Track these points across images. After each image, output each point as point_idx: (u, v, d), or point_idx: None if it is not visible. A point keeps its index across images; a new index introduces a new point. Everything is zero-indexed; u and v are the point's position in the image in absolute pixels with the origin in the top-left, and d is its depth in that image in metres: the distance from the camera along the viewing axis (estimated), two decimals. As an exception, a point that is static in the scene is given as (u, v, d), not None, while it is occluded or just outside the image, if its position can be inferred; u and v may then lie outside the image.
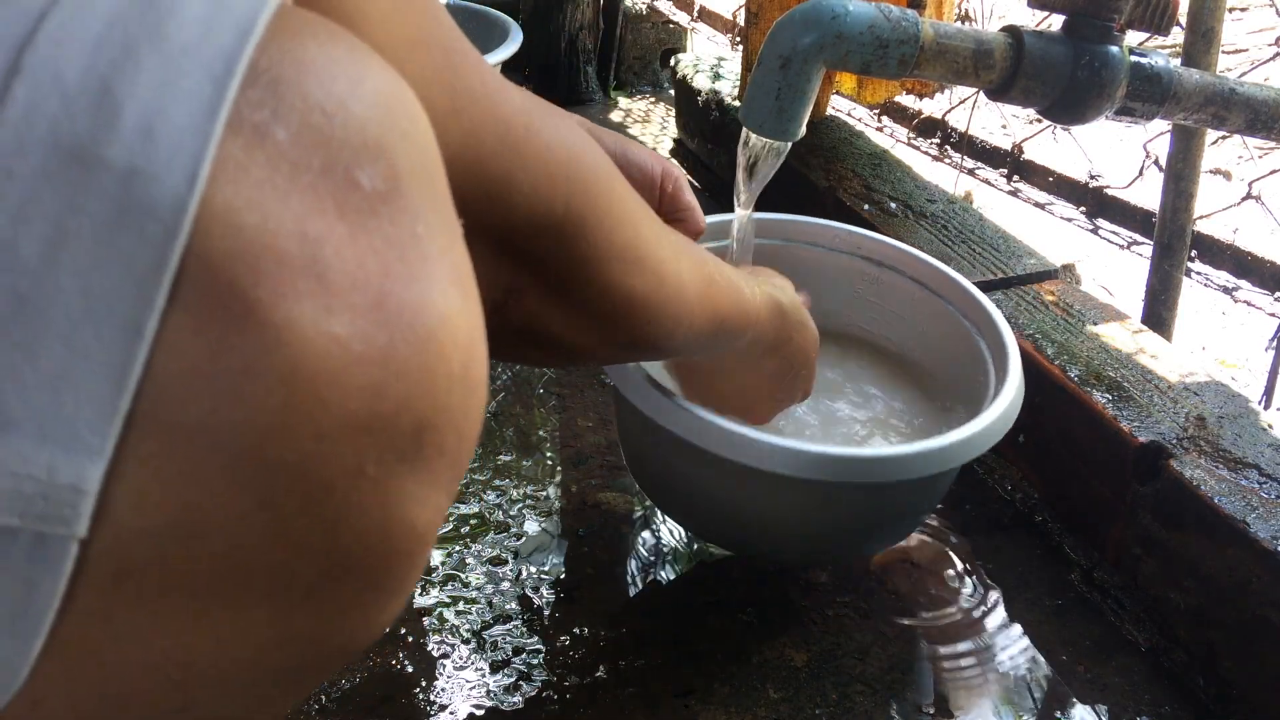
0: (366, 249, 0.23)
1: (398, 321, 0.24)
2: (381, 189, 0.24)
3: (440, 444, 0.25)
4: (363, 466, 0.24)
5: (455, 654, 0.66)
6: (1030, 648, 0.68)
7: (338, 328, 0.22)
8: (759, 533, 0.67)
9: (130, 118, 0.21)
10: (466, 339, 0.25)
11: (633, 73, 1.86)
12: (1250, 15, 2.18)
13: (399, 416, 0.24)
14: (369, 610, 0.26)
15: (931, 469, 0.60)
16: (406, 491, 0.25)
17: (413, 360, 0.24)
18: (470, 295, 0.26)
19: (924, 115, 1.40)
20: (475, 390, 0.26)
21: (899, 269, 0.80)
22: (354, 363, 0.23)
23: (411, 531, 0.26)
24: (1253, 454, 0.68)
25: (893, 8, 0.64)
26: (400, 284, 0.24)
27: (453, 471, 0.26)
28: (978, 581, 0.73)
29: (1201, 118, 0.70)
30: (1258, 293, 1.00)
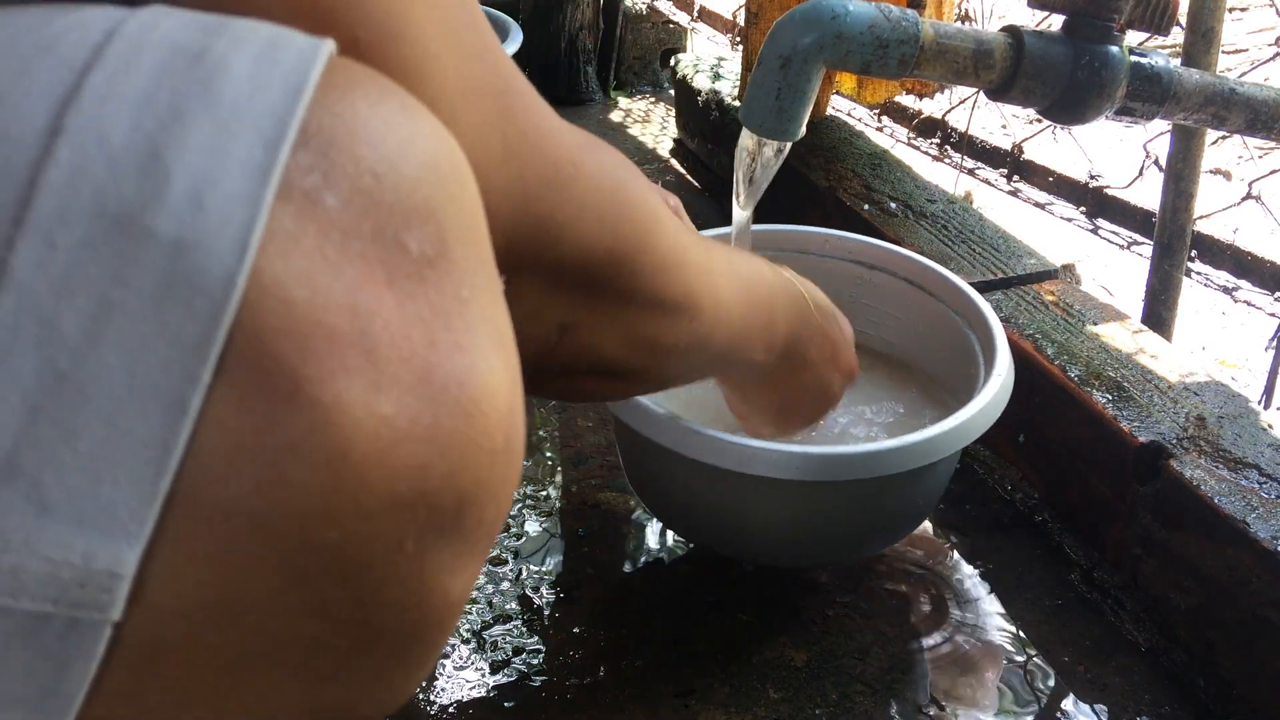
0: (414, 318, 0.23)
1: (443, 397, 0.23)
2: (429, 254, 0.23)
3: (480, 516, 0.25)
4: (402, 543, 0.23)
5: (455, 654, 0.66)
6: (1030, 648, 0.68)
7: (386, 407, 0.22)
8: (756, 537, 0.68)
9: (179, 185, 0.20)
10: (508, 407, 0.25)
11: (633, 73, 1.86)
12: (1250, 15, 2.18)
13: (442, 493, 0.23)
14: (399, 679, 0.26)
15: (915, 462, 0.60)
16: (444, 564, 0.24)
17: (458, 434, 0.23)
18: (511, 360, 0.26)
19: (924, 115, 1.40)
20: (515, 460, 0.26)
21: (890, 270, 0.81)
22: (401, 440, 0.22)
23: (445, 601, 0.25)
24: (1253, 454, 0.68)
25: (893, 8, 0.64)
26: (445, 355, 0.23)
27: (488, 540, 0.26)
28: (978, 581, 0.73)
29: (1201, 118, 0.70)
30: (1258, 293, 1.00)
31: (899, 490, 0.64)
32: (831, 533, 0.67)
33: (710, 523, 0.69)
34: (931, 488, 0.68)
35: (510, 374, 0.25)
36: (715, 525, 0.68)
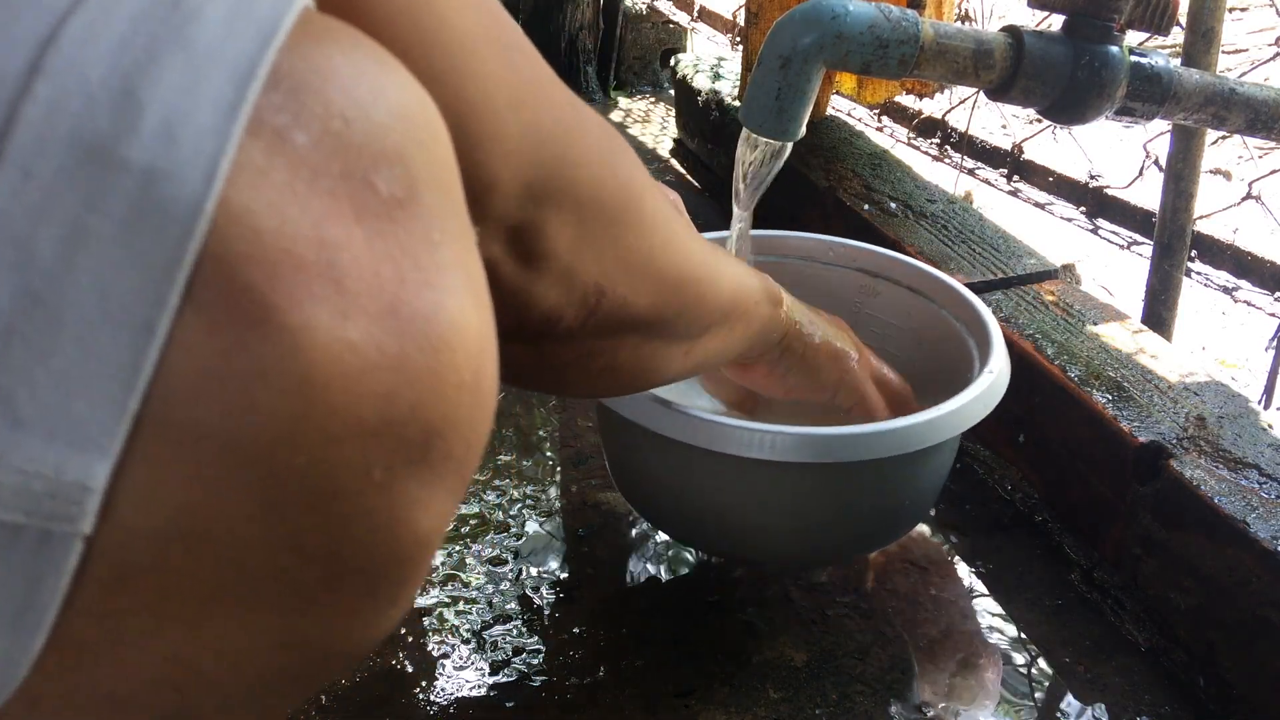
0: (383, 255, 0.24)
1: (411, 328, 0.24)
2: (399, 195, 0.24)
3: (448, 450, 0.25)
4: (370, 471, 0.24)
5: (455, 654, 0.66)
6: (1030, 648, 0.68)
7: (353, 333, 0.23)
8: (743, 530, 0.67)
9: (152, 118, 0.21)
10: (478, 347, 0.26)
11: (633, 73, 1.86)
12: (1250, 15, 2.18)
13: (409, 423, 0.24)
14: (371, 615, 0.26)
15: (904, 447, 0.60)
16: (412, 497, 0.25)
17: (425, 367, 0.24)
18: (483, 304, 0.27)
19: (924, 115, 1.40)
20: (485, 399, 0.27)
21: (893, 278, 0.81)
22: (368, 368, 0.23)
23: (416, 537, 0.26)
24: (1253, 454, 0.68)
25: (893, 8, 0.64)
26: (414, 291, 0.24)
27: (459, 478, 0.27)
28: (978, 581, 0.73)
29: (1202, 118, 0.70)
30: (1258, 293, 1.00)
31: (890, 480, 0.64)
32: (820, 525, 0.67)
33: (702, 516, 0.68)
34: (927, 478, 0.67)
35: (481, 317, 0.26)
36: (707, 519, 0.68)
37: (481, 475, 0.82)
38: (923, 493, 0.68)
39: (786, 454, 0.59)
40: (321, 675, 0.28)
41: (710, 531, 0.69)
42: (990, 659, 0.67)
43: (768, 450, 0.59)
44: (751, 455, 0.59)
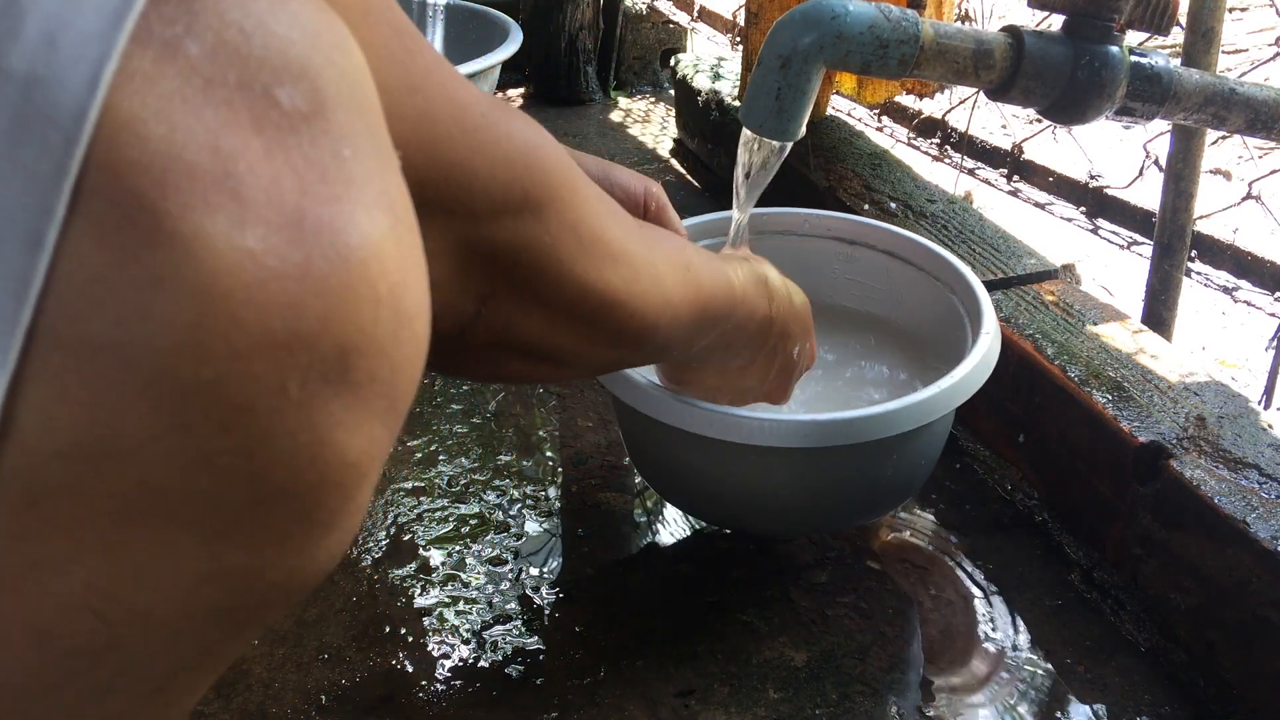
0: (284, 165, 0.23)
1: (315, 238, 0.23)
2: (303, 109, 0.23)
3: (370, 370, 0.25)
4: (284, 387, 0.23)
5: (455, 654, 0.66)
6: (1030, 648, 0.68)
7: (251, 242, 0.22)
8: (750, 508, 0.70)
9: (33, 27, 0.21)
10: (395, 264, 0.25)
11: (633, 73, 1.86)
12: (1250, 15, 2.18)
13: (320, 336, 0.23)
14: (304, 545, 0.26)
15: (903, 426, 0.62)
16: (335, 417, 0.24)
17: (332, 278, 0.23)
18: (403, 224, 0.26)
19: (924, 115, 1.40)
20: (409, 319, 0.26)
21: (870, 244, 0.84)
22: (270, 278, 0.22)
23: (343, 460, 0.25)
24: (1253, 454, 0.68)
25: (893, 8, 0.64)
26: (319, 202, 0.23)
27: (388, 401, 0.26)
28: (978, 581, 0.73)
29: (1201, 118, 0.70)
30: (1258, 293, 1.00)
31: (892, 456, 0.66)
32: (827, 501, 0.69)
33: (706, 496, 0.71)
34: (922, 451, 0.69)
35: (399, 233, 0.25)
36: (711, 498, 0.71)
37: (481, 475, 0.82)
38: (922, 462, 0.70)
39: (790, 440, 0.62)
40: (260, 610, 0.27)
41: (721, 509, 0.71)
42: (990, 659, 0.67)
43: (771, 438, 0.61)
44: (756, 443, 0.62)
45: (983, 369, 0.67)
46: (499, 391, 0.93)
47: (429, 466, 0.83)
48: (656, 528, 0.78)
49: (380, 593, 0.71)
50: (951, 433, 0.87)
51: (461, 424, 0.89)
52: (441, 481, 0.82)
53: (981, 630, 0.69)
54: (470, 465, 0.83)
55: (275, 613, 0.28)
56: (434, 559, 0.74)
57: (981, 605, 0.71)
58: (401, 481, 0.81)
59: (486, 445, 0.86)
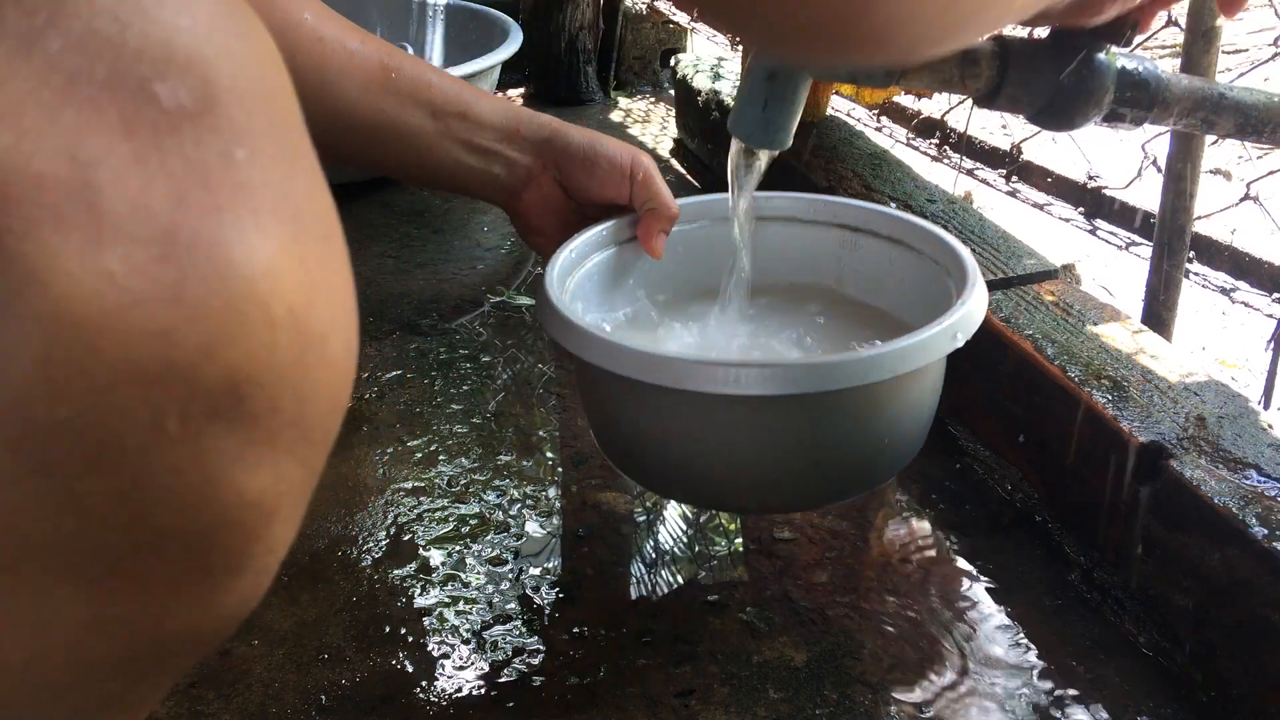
0: (158, 172, 0.20)
1: (191, 256, 0.20)
2: (188, 106, 0.21)
3: (271, 401, 0.22)
4: (160, 423, 0.20)
5: (455, 654, 0.66)
6: (1030, 648, 0.68)
7: (111, 262, 0.19)
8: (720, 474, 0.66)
9: None
10: (295, 281, 0.22)
11: (633, 73, 1.86)
12: (1250, 15, 2.18)
13: (201, 366, 0.21)
14: (204, 591, 0.24)
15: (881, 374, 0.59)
16: (229, 454, 0.22)
17: (212, 301, 0.21)
18: (309, 233, 0.23)
19: (923, 115, 1.40)
20: (318, 341, 0.23)
21: (874, 230, 0.82)
22: (133, 303, 0.20)
23: (242, 500, 0.22)
24: (1253, 454, 0.68)
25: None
26: (197, 214, 0.21)
27: (298, 432, 0.23)
28: (978, 581, 0.73)
29: (1191, 123, 0.70)
30: (1256, 293, 1.00)
31: (866, 412, 0.63)
32: (796, 465, 0.65)
33: (674, 462, 0.67)
34: (906, 416, 0.65)
35: (300, 247, 0.22)
36: (685, 466, 0.67)
37: (481, 475, 0.82)
38: (905, 430, 0.67)
39: (754, 388, 0.58)
40: (165, 661, 0.25)
41: (686, 479, 0.67)
42: (990, 659, 0.67)
43: (734, 384, 0.57)
44: (717, 391, 0.57)
45: (963, 323, 0.64)
46: (499, 391, 0.93)
47: (429, 466, 0.83)
48: (657, 528, 0.78)
49: (380, 593, 0.71)
50: (951, 432, 0.87)
51: (461, 424, 0.89)
52: (441, 481, 0.82)
53: (981, 630, 0.69)
54: (470, 465, 0.83)
55: (186, 659, 0.26)
56: (434, 559, 0.74)
57: (981, 605, 0.71)
58: (401, 481, 0.81)
59: (486, 445, 0.86)
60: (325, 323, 0.23)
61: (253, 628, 0.67)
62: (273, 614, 0.68)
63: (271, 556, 0.25)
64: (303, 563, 0.73)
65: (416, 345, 1.00)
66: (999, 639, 0.68)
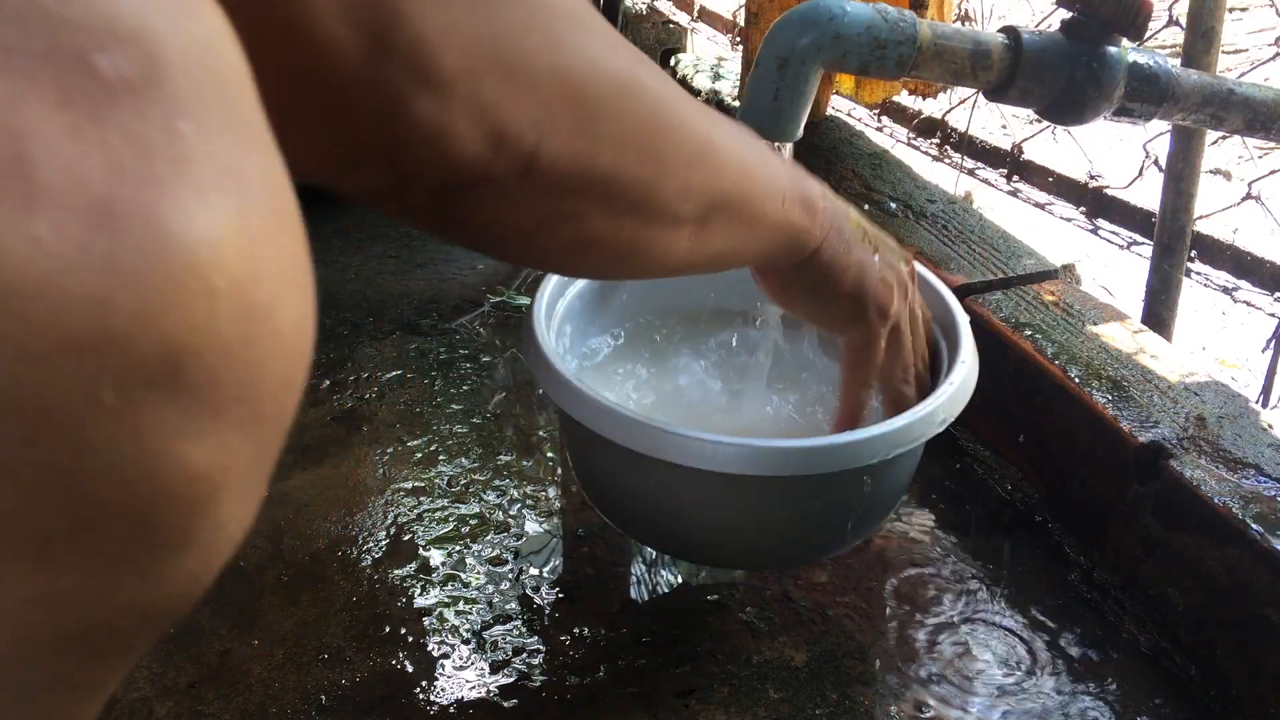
0: (93, 143, 0.20)
1: (126, 225, 0.20)
2: (129, 78, 0.21)
3: (212, 373, 0.22)
4: (96, 393, 0.20)
5: (455, 654, 0.66)
6: (1030, 648, 0.68)
7: (41, 230, 0.19)
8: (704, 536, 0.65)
9: None
10: (239, 253, 0.22)
11: (633, 73, 1.86)
12: (1250, 15, 2.18)
13: (136, 335, 0.20)
14: (151, 567, 0.23)
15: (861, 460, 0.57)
16: (170, 426, 0.21)
17: (147, 270, 0.20)
18: (256, 207, 0.23)
19: (924, 115, 1.40)
20: (265, 314, 0.23)
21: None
22: (65, 270, 0.19)
23: (186, 473, 0.22)
24: (1253, 454, 0.68)
25: (890, 8, 0.64)
26: (134, 185, 0.20)
27: (246, 407, 0.23)
28: (978, 582, 0.73)
29: (1200, 118, 0.70)
30: (1257, 293, 1.00)
31: (836, 492, 0.61)
32: (780, 534, 0.64)
33: (661, 526, 0.66)
34: (879, 492, 0.64)
35: (245, 220, 0.22)
36: (667, 528, 0.66)
37: (481, 475, 0.82)
38: (881, 501, 0.66)
39: (732, 466, 0.56)
40: (117, 636, 0.25)
41: (656, 531, 0.66)
42: (990, 659, 0.67)
43: (710, 461, 0.56)
44: (695, 466, 0.56)
45: (958, 400, 0.62)
46: (499, 391, 0.93)
47: (429, 466, 0.83)
48: (656, 528, 0.78)
49: (380, 593, 0.71)
50: (951, 433, 0.87)
51: (461, 424, 0.89)
52: (441, 481, 0.82)
53: (981, 630, 0.69)
54: (470, 465, 0.83)
55: (139, 637, 0.25)
56: (434, 559, 0.74)
57: (981, 605, 0.71)
58: (401, 481, 0.81)
59: (486, 445, 0.86)
60: (272, 295, 0.23)
61: (253, 628, 0.67)
62: (273, 614, 0.69)
63: (221, 534, 0.24)
64: (303, 563, 0.73)
65: (416, 345, 1.00)
66: (999, 639, 0.68)
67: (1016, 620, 0.70)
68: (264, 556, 0.74)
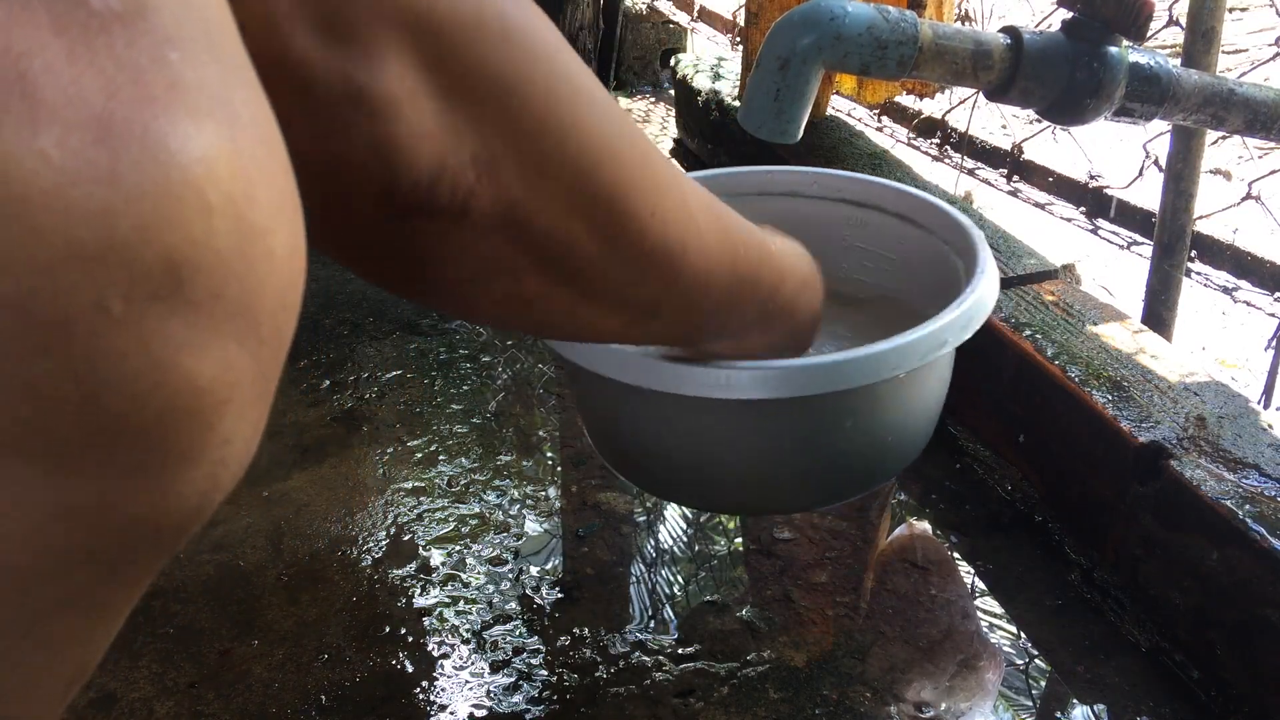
0: (89, 67, 0.21)
1: (125, 140, 0.21)
2: (117, 9, 0.22)
3: (212, 287, 0.23)
4: (104, 303, 0.21)
5: (455, 654, 0.66)
6: (1030, 648, 0.68)
7: (47, 144, 0.20)
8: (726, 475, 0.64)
9: None
10: (232, 172, 0.23)
11: (633, 73, 1.86)
12: (1250, 15, 2.18)
13: (140, 247, 0.21)
14: (162, 478, 0.24)
15: (883, 373, 0.57)
16: (175, 337, 0.22)
17: (146, 183, 0.21)
18: (247, 133, 0.24)
19: (924, 115, 1.40)
20: (259, 234, 0.24)
21: (881, 206, 0.78)
22: (71, 183, 0.20)
23: (193, 385, 0.23)
24: (1253, 454, 0.68)
25: (891, 9, 0.64)
26: (131, 104, 0.21)
27: (245, 322, 0.24)
28: (978, 582, 0.73)
29: (1201, 118, 0.70)
30: (1257, 293, 1.00)
31: (861, 414, 0.60)
32: (795, 466, 0.63)
33: (678, 467, 0.65)
34: (908, 414, 0.63)
35: (236, 144, 0.23)
36: (683, 469, 0.65)
37: (481, 475, 0.82)
38: (909, 426, 0.65)
39: (751, 391, 0.56)
40: (131, 550, 0.25)
41: (685, 481, 0.65)
42: (990, 659, 0.67)
43: (725, 389, 0.56)
44: (711, 395, 0.56)
45: (970, 316, 0.61)
46: (499, 391, 0.93)
47: (429, 466, 0.83)
48: (656, 527, 0.78)
49: (380, 593, 0.71)
50: (951, 432, 0.87)
51: (461, 424, 0.89)
52: (441, 481, 0.82)
53: (981, 630, 0.69)
54: (470, 465, 0.83)
55: (149, 554, 0.26)
56: (434, 559, 0.74)
57: (981, 605, 0.71)
58: (401, 481, 0.81)
59: (486, 445, 0.86)
60: (266, 218, 0.24)
61: (253, 628, 0.67)
62: (273, 614, 0.69)
63: (229, 448, 0.25)
64: (303, 563, 0.73)
65: (416, 345, 1.00)
66: (999, 639, 0.68)
67: (1016, 620, 0.70)
68: (264, 556, 0.74)
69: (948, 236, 0.73)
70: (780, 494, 0.67)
